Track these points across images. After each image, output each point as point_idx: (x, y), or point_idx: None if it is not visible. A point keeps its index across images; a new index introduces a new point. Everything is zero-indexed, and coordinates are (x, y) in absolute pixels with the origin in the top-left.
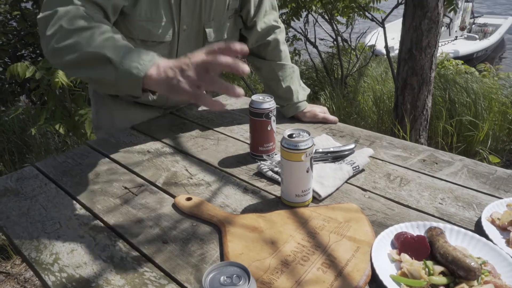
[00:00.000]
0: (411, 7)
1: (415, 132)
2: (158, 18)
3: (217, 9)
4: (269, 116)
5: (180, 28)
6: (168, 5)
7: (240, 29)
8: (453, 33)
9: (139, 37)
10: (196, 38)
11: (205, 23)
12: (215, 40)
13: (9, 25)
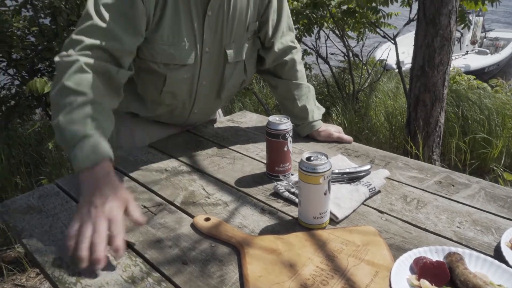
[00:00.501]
0: (423, 24)
1: (428, 148)
2: (180, 42)
3: (238, 31)
4: (285, 137)
5: (203, 50)
6: (191, 29)
7: (258, 50)
8: (464, 47)
9: (162, 61)
10: (217, 59)
11: (226, 45)
12: (235, 60)
13: (27, 40)
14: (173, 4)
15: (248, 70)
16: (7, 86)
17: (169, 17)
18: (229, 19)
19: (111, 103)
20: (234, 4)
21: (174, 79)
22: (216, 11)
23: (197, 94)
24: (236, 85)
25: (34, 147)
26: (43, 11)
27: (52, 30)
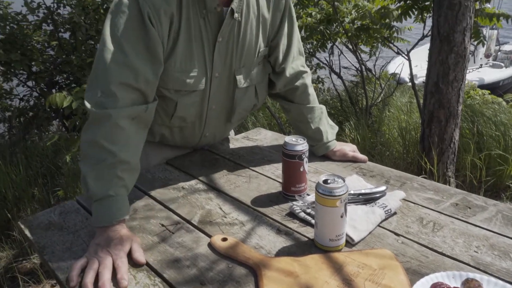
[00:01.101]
0: (437, 41)
1: (443, 165)
2: (192, 68)
3: (248, 56)
4: (302, 158)
5: (212, 75)
6: (202, 55)
7: (269, 74)
8: (478, 61)
9: (174, 88)
10: (227, 84)
11: (235, 70)
12: (245, 85)
13: (46, 53)
14: (186, 32)
15: (259, 95)
16: (26, 98)
17: (182, 44)
18: (239, 45)
19: (140, 148)
20: (244, 30)
21: (184, 104)
22: (226, 37)
23: (207, 118)
24: (247, 109)
25: (51, 159)
26: (63, 26)
27: (71, 44)
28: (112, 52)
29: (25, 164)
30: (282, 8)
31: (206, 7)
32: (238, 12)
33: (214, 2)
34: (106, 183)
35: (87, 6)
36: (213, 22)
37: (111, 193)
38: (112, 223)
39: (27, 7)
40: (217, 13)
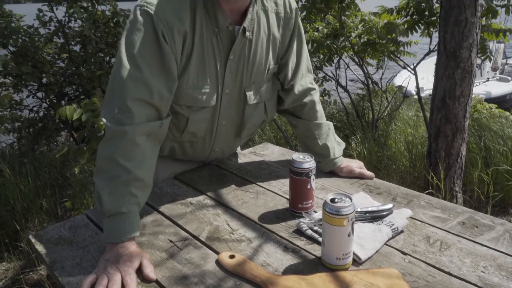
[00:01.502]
0: (444, 57)
1: (449, 180)
2: (204, 85)
3: (258, 73)
4: (309, 175)
5: (223, 92)
6: (214, 72)
7: (278, 91)
8: (485, 74)
9: (186, 104)
10: (237, 100)
11: (246, 87)
12: (255, 102)
13: (56, 65)
14: (199, 49)
15: (268, 111)
16: (35, 109)
17: (195, 62)
18: (250, 62)
19: (154, 165)
20: (255, 48)
21: (195, 120)
22: (237, 55)
23: (217, 133)
24: (256, 125)
25: (59, 169)
26: (74, 39)
27: (81, 57)
28: (128, 69)
29: (34, 175)
30: (292, 27)
31: (218, 26)
32: (250, 30)
33: (226, 21)
34: (120, 199)
35: (98, 19)
36: (225, 40)
37: (123, 210)
38: (122, 240)
39: (39, 21)
40: (229, 32)
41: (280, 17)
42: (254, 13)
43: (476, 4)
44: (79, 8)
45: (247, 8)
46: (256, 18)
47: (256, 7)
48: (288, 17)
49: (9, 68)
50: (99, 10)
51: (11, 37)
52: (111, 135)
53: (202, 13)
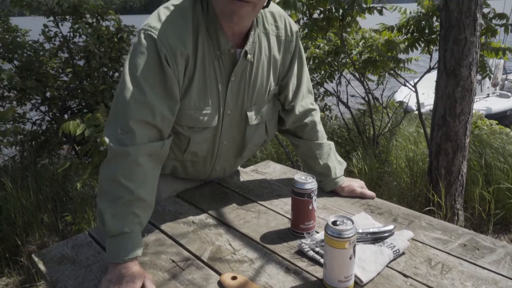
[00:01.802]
0: (444, 75)
1: (450, 197)
2: (206, 106)
3: (259, 94)
4: (311, 196)
5: (224, 113)
6: (216, 94)
7: (279, 112)
8: (485, 90)
9: (187, 124)
10: (238, 121)
11: (247, 108)
12: (256, 122)
13: (60, 79)
14: (201, 72)
15: (269, 131)
16: (38, 122)
17: (197, 84)
18: (251, 84)
19: (155, 185)
20: (256, 71)
21: (197, 141)
22: (239, 77)
23: (218, 153)
24: (257, 145)
25: (60, 183)
26: (78, 54)
27: (85, 71)
28: (131, 90)
29: (35, 189)
30: (292, 50)
31: (220, 48)
32: (251, 53)
33: (228, 44)
34: (122, 220)
35: (102, 35)
36: (226, 62)
37: (126, 230)
38: (125, 260)
39: (44, 36)
40: (230, 55)
41: (281, 40)
42: (256, 37)
43: (476, 24)
44: (84, 24)
45: (248, 31)
46: (258, 41)
47: (258, 31)
48: (289, 40)
49: (14, 83)
50: (104, 26)
51: (17, 52)
52: (113, 155)
53: (205, 36)
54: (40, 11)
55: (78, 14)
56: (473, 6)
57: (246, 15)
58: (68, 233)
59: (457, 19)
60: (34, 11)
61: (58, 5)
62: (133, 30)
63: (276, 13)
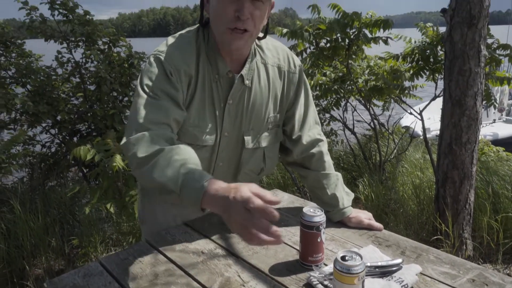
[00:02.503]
0: (449, 104)
1: (458, 226)
2: (204, 125)
3: (256, 120)
4: (319, 229)
5: (222, 134)
6: (213, 114)
7: (285, 142)
8: (491, 115)
9: (186, 141)
10: (235, 143)
11: (244, 131)
12: (253, 146)
13: (71, 102)
14: (200, 92)
15: (267, 160)
16: (47, 144)
17: (196, 103)
18: (249, 109)
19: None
20: (254, 97)
21: None
22: (236, 100)
23: (213, 174)
24: (253, 171)
25: (68, 206)
26: (89, 79)
27: (96, 96)
28: (144, 98)
29: (43, 212)
30: (296, 81)
31: (218, 72)
32: (248, 79)
33: (226, 68)
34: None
35: (113, 61)
36: (224, 85)
37: (182, 171)
38: (204, 186)
39: (57, 62)
40: (228, 79)
41: (282, 71)
42: (254, 64)
43: (480, 55)
44: (96, 50)
45: (246, 58)
46: (256, 69)
47: (255, 59)
48: (292, 72)
49: (26, 107)
50: (115, 52)
51: (30, 77)
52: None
53: (205, 61)
54: (54, 38)
55: (91, 40)
56: (477, 37)
57: (242, 43)
58: (74, 257)
59: (461, 50)
60: (49, 38)
61: (72, 32)
62: (143, 56)
63: (279, 47)
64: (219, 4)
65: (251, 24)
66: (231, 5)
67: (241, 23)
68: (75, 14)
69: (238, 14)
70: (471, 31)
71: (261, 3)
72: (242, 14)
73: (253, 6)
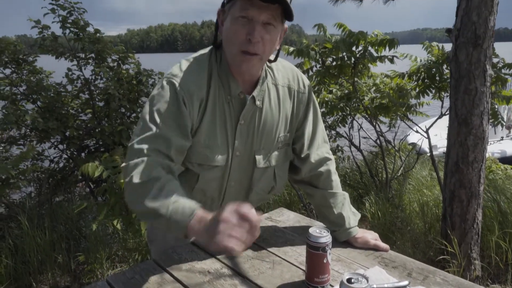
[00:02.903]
0: (455, 123)
1: (466, 245)
2: (215, 145)
3: (267, 140)
4: (325, 250)
5: (233, 154)
6: (225, 135)
7: (294, 160)
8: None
9: (197, 162)
10: (247, 163)
11: (255, 151)
12: (264, 166)
13: (79, 118)
14: (211, 113)
15: (277, 178)
16: (56, 160)
17: (207, 124)
18: (260, 129)
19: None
20: (265, 116)
21: (206, 178)
22: (248, 120)
23: (225, 193)
24: (264, 190)
25: (75, 222)
26: (98, 96)
27: (104, 112)
28: (150, 124)
29: (50, 227)
30: (305, 101)
31: (230, 93)
32: (260, 100)
33: (238, 89)
34: (164, 199)
35: (122, 78)
36: (236, 106)
37: (173, 200)
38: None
39: (67, 79)
40: (240, 99)
41: (292, 92)
42: (265, 85)
43: (485, 75)
44: (105, 68)
45: (258, 79)
46: (267, 90)
47: (266, 81)
48: (301, 92)
49: (36, 123)
50: (124, 69)
51: (41, 94)
52: (126, 173)
53: (217, 82)
54: (65, 55)
55: (101, 58)
56: (482, 57)
57: (254, 66)
58: (80, 273)
59: (467, 69)
60: (60, 56)
61: (82, 50)
62: (152, 74)
63: (288, 68)
64: (231, 27)
65: (261, 47)
66: (243, 28)
67: (252, 46)
68: (86, 32)
69: (249, 37)
70: (477, 51)
71: (273, 27)
72: (253, 37)
73: (264, 30)
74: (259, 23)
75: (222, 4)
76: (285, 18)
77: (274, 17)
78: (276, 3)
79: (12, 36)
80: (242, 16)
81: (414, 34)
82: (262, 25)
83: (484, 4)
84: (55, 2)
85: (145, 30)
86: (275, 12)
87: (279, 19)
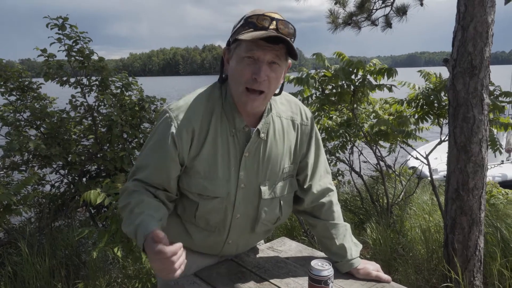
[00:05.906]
0: (455, 151)
1: (469, 273)
2: (215, 177)
3: (272, 171)
4: (327, 283)
5: (238, 186)
6: (227, 167)
7: (297, 191)
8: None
9: (196, 191)
10: (252, 195)
11: (260, 182)
12: (270, 197)
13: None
14: (211, 145)
15: (283, 209)
16: (57, 185)
17: (206, 154)
18: (265, 160)
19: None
20: (270, 147)
21: (206, 208)
22: (253, 153)
23: (231, 226)
24: (271, 221)
25: (75, 248)
26: (101, 122)
27: (107, 138)
28: (146, 155)
29: (50, 254)
30: (308, 133)
31: (235, 127)
32: (264, 132)
33: (242, 123)
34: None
35: (125, 104)
36: (241, 139)
37: (137, 222)
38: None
39: (70, 105)
40: (245, 132)
41: (296, 124)
42: (269, 118)
43: (483, 103)
44: (109, 95)
45: (262, 113)
46: (272, 122)
47: (271, 114)
48: (304, 124)
49: (39, 150)
50: (127, 95)
51: (44, 120)
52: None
53: (220, 115)
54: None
55: (104, 85)
56: (479, 87)
57: (258, 103)
58: None
59: (465, 98)
60: (64, 83)
61: (86, 78)
62: (154, 100)
63: (292, 101)
64: (238, 66)
65: (267, 85)
66: (249, 67)
67: (258, 85)
68: (91, 61)
69: (255, 76)
70: (473, 81)
71: (278, 65)
72: (259, 77)
73: (270, 69)
74: (264, 63)
75: (228, 43)
76: (289, 56)
77: (278, 56)
78: (280, 43)
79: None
80: (248, 57)
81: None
82: (268, 64)
83: (479, 36)
84: (62, 32)
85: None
86: (280, 51)
87: (283, 57)
